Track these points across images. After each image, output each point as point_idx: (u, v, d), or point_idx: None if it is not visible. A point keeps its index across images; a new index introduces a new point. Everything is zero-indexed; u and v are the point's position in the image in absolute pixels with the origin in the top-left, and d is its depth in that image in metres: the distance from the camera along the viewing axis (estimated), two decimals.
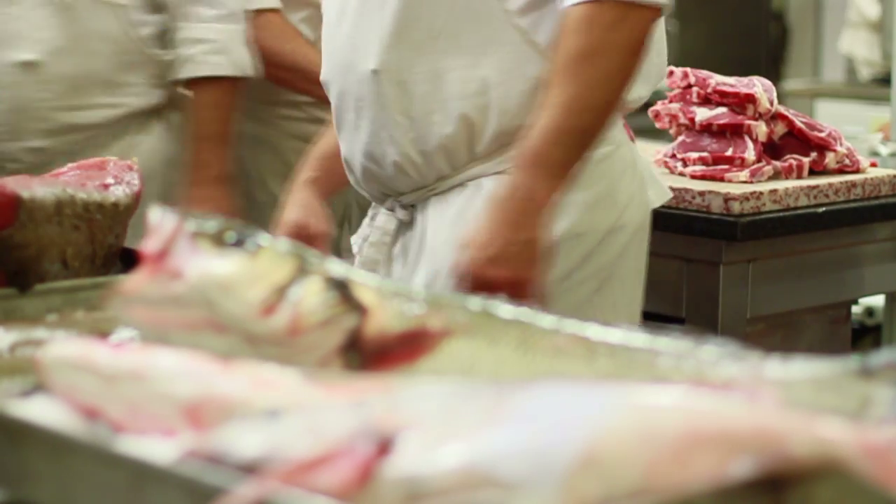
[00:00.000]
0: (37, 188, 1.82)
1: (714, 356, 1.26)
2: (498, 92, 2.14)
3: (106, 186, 1.92)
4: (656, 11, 2.07)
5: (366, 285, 1.34)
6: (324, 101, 2.99)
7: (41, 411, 1.26)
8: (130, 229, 1.91)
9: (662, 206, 2.38)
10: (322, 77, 2.30)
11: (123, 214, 1.90)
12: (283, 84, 3.04)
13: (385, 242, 2.28)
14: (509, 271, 2.02)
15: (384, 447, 1.04)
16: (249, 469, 1.07)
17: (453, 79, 2.14)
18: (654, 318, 2.43)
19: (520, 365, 1.29)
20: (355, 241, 2.38)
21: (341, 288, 1.32)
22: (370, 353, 1.30)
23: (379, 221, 2.29)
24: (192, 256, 1.33)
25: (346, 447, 1.05)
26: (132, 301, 1.35)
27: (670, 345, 1.28)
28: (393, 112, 2.17)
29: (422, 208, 2.23)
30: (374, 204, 2.34)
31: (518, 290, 1.95)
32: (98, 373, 1.25)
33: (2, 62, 2.78)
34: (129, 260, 1.83)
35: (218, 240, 1.34)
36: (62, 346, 1.31)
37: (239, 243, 1.34)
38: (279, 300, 1.30)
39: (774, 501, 1.01)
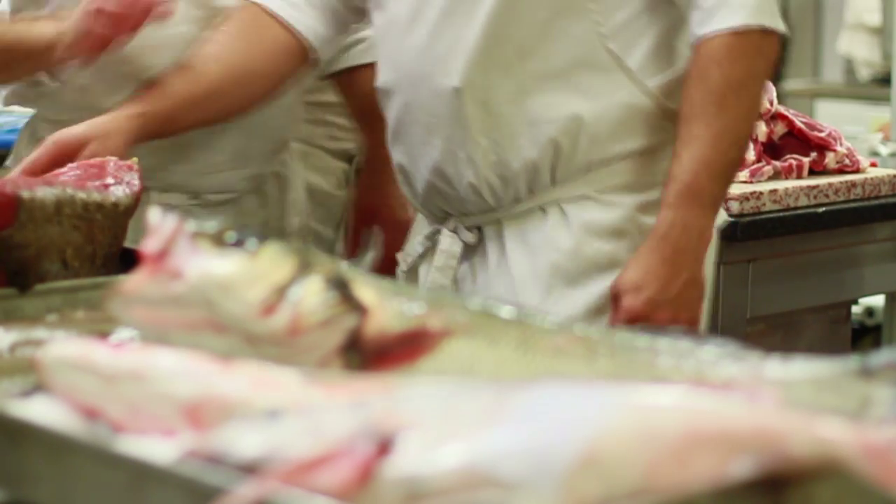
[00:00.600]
0: (37, 188, 1.82)
1: (714, 356, 1.26)
2: (588, 117, 2.07)
3: (106, 186, 1.92)
4: (779, 36, 2.06)
5: (366, 285, 1.34)
6: (340, 103, 2.93)
7: (41, 411, 1.26)
8: (130, 229, 1.91)
9: None
10: (380, 83, 2.21)
11: (123, 214, 1.90)
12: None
13: (451, 266, 2.18)
14: (672, 312, 1.99)
15: (384, 447, 1.04)
16: (249, 469, 1.07)
17: (541, 101, 2.07)
18: None
19: (520, 365, 1.29)
20: (403, 257, 2.28)
21: (341, 288, 1.32)
22: (370, 353, 1.30)
23: (443, 244, 2.19)
24: (192, 256, 1.33)
25: (346, 447, 1.05)
26: (132, 301, 1.35)
27: (670, 345, 1.28)
28: (473, 132, 2.08)
29: (493, 232, 2.14)
30: (427, 222, 2.24)
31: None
32: (98, 373, 1.25)
33: None
34: (129, 260, 1.83)
35: (218, 240, 1.34)
36: (62, 346, 1.31)
37: (239, 243, 1.34)
38: (279, 300, 1.30)
39: (774, 501, 1.01)
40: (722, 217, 2.34)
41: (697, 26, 2.03)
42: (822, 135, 3.01)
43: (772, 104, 3.00)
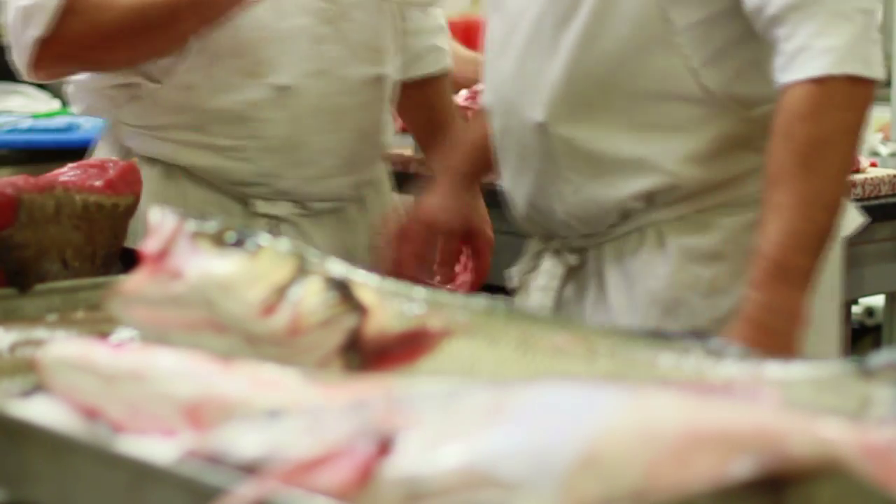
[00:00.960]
0: (37, 188, 1.82)
1: (714, 356, 1.26)
2: (682, 151, 1.97)
3: (106, 186, 1.92)
4: (873, 85, 1.88)
5: (366, 285, 1.34)
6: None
7: (41, 411, 1.26)
8: (130, 229, 1.91)
9: None
10: (485, 102, 2.16)
11: (123, 214, 1.90)
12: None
13: (553, 287, 2.10)
14: None
15: (384, 447, 1.04)
16: (249, 469, 1.07)
17: (630, 138, 1.98)
18: None
19: (520, 365, 1.29)
20: (515, 273, 2.23)
21: (341, 288, 1.32)
22: (370, 353, 1.30)
23: (546, 266, 2.12)
24: (192, 256, 1.33)
25: (346, 447, 1.05)
26: (132, 301, 1.35)
27: (670, 345, 1.28)
28: (562, 168, 2.01)
29: (594, 255, 2.07)
30: (535, 239, 2.18)
31: None
32: (98, 373, 1.25)
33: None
34: (129, 260, 1.83)
35: (218, 240, 1.34)
36: (62, 346, 1.31)
37: (239, 243, 1.34)
38: (279, 300, 1.30)
39: (774, 501, 1.01)
40: (856, 220, 2.27)
41: (779, 73, 1.86)
42: None
43: None
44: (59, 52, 2.24)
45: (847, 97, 1.84)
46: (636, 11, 1.95)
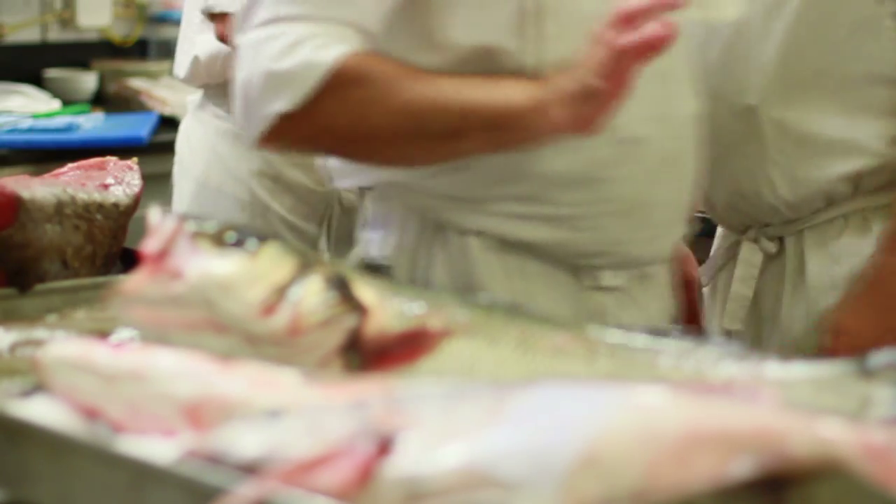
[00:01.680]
0: (37, 188, 1.82)
1: (714, 356, 1.26)
2: (888, 132, 2.01)
3: (106, 186, 1.92)
4: None
5: (366, 285, 1.34)
6: None
7: (41, 411, 1.26)
8: (130, 229, 1.91)
9: None
10: None
11: (123, 214, 1.90)
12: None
13: (753, 276, 2.11)
14: None
15: (384, 447, 1.04)
16: (249, 469, 1.07)
17: (840, 120, 2.01)
18: None
19: (520, 365, 1.29)
20: (705, 270, 2.19)
21: (341, 288, 1.32)
22: (370, 353, 1.30)
23: (744, 254, 2.12)
24: (192, 256, 1.33)
25: (346, 447, 1.05)
26: (132, 301, 1.35)
27: (670, 345, 1.28)
28: (771, 151, 2.03)
29: (794, 242, 2.08)
30: (726, 234, 2.17)
31: None
32: (98, 373, 1.25)
33: None
34: (129, 260, 1.83)
35: (218, 240, 1.34)
36: (62, 346, 1.31)
37: (239, 243, 1.34)
38: (279, 300, 1.30)
39: (774, 501, 1.01)
40: None
41: None
42: None
43: None
44: (305, 135, 1.79)
45: None
46: None
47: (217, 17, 2.95)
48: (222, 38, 2.94)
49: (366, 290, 1.33)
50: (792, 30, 2.00)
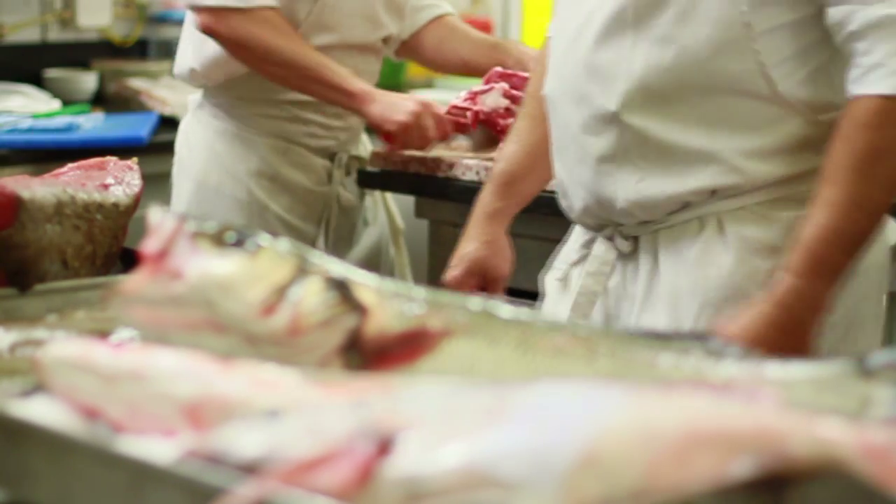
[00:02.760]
0: (37, 188, 1.82)
1: (714, 356, 1.26)
2: (749, 147, 2.03)
3: (106, 186, 1.92)
4: None
5: (366, 285, 1.34)
6: (319, 101, 3.02)
7: (41, 411, 1.26)
8: (130, 229, 1.91)
9: None
10: (546, 92, 2.17)
11: (123, 214, 1.90)
12: (277, 80, 3.03)
13: (603, 273, 2.13)
14: None
15: (384, 447, 1.04)
16: (249, 469, 1.07)
17: (700, 132, 2.02)
18: None
19: (520, 365, 1.29)
20: (559, 264, 2.23)
21: (341, 288, 1.32)
22: (370, 353, 1.30)
23: (597, 251, 2.14)
24: (192, 256, 1.33)
25: (346, 447, 1.05)
26: (132, 301, 1.35)
27: (670, 345, 1.28)
28: (631, 158, 2.05)
29: (649, 242, 2.10)
30: (582, 232, 2.20)
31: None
32: (98, 373, 1.25)
33: None
34: (129, 260, 1.83)
35: (218, 240, 1.34)
36: (62, 346, 1.31)
37: (239, 243, 1.34)
38: (279, 300, 1.30)
39: (774, 501, 1.01)
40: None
41: (853, 84, 1.95)
42: None
43: None
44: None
45: None
46: (718, 14, 2.00)
47: (202, 11, 2.96)
48: (207, 31, 2.95)
49: (366, 290, 1.33)
50: (660, 42, 2.01)
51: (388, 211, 3.30)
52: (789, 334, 1.91)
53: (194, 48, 3.07)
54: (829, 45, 2.01)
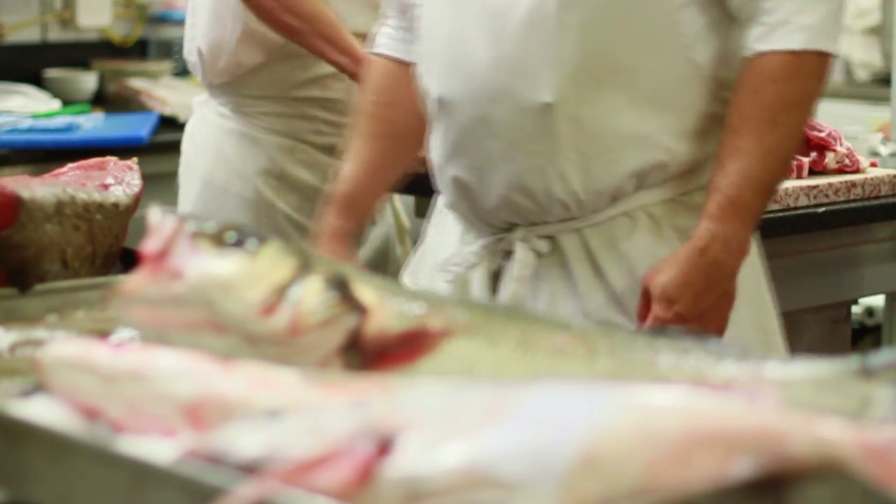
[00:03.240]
0: (37, 188, 1.82)
1: (714, 356, 1.26)
2: (671, 130, 2.07)
3: (106, 186, 1.92)
4: (832, 58, 2.06)
5: (366, 285, 1.34)
6: (323, 97, 3.02)
7: (41, 411, 1.26)
8: (130, 229, 1.91)
9: None
10: (437, 95, 2.14)
11: (123, 214, 1.90)
12: (289, 33, 3.00)
13: (527, 276, 2.13)
14: (700, 324, 1.99)
15: (384, 447, 1.04)
16: (249, 469, 1.07)
17: (631, 115, 2.05)
18: None
19: (520, 365, 1.29)
20: (452, 268, 2.20)
21: (341, 288, 1.32)
22: (370, 353, 1.30)
23: (519, 255, 2.13)
24: (192, 256, 1.33)
25: (346, 447, 1.05)
26: (132, 301, 1.35)
27: (670, 345, 1.28)
28: (565, 147, 2.05)
29: (574, 241, 2.11)
30: (478, 233, 2.18)
31: None
32: (98, 373, 1.25)
33: None
34: (129, 260, 1.83)
35: (218, 240, 1.34)
36: (62, 346, 1.31)
37: (239, 243, 1.34)
38: (279, 300, 1.30)
39: (774, 501, 1.01)
40: None
41: (756, 41, 2.04)
42: (822, 135, 3.01)
43: None
44: None
45: (815, 68, 2.04)
46: None
47: None
48: None
49: (366, 290, 1.33)
50: (588, 26, 2.03)
51: (395, 210, 3.31)
52: (713, 278, 2.00)
53: (203, 32, 3.07)
54: (731, 22, 2.08)
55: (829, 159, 3.01)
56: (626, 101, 2.05)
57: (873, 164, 3.16)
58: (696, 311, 2.00)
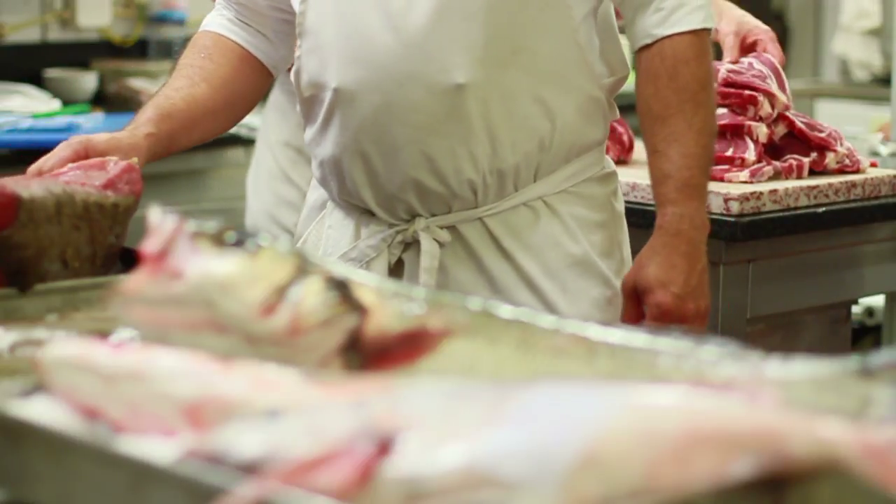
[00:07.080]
0: (37, 188, 1.82)
1: (714, 356, 1.26)
2: (563, 109, 2.17)
3: (106, 186, 1.92)
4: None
5: (366, 285, 1.34)
6: None
7: (41, 411, 1.26)
8: (130, 229, 1.91)
9: None
10: (338, 84, 2.15)
11: (123, 214, 1.90)
12: None
13: (435, 267, 2.18)
14: (695, 303, 2.11)
15: (384, 447, 1.04)
16: (249, 469, 1.07)
17: (528, 96, 2.14)
18: None
19: (520, 365, 1.29)
20: (346, 258, 2.23)
21: (341, 288, 1.32)
22: (370, 353, 1.30)
23: (425, 245, 2.17)
24: (192, 256, 1.33)
25: (346, 447, 1.05)
26: (132, 301, 1.35)
27: (670, 345, 1.28)
28: (475, 129, 2.12)
29: (476, 230, 2.18)
30: (371, 224, 2.21)
31: (703, 320, 2.09)
32: (98, 373, 1.25)
33: None
34: (129, 260, 1.83)
35: (218, 240, 1.34)
36: (62, 346, 1.31)
37: (239, 243, 1.34)
38: (279, 300, 1.30)
39: (774, 501, 1.01)
40: None
41: (657, 27, 2.15)
42: (823, 135, 3.01)
43: (773, 107, 3.00)
44: None
45: (708, 45, 2.18)
46: None
47: None
48: None
49: (366, 290, 1.33)
50: (493, 7, 2.10)
51: None
52: (692, 255, 2.11)
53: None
54: (609, 16, 2.21)
55: (830, 159, 3.01)
56: (527, 82, 2.13)
57: (873, 165, 3.16)
58: (689, 288, 2.10)
